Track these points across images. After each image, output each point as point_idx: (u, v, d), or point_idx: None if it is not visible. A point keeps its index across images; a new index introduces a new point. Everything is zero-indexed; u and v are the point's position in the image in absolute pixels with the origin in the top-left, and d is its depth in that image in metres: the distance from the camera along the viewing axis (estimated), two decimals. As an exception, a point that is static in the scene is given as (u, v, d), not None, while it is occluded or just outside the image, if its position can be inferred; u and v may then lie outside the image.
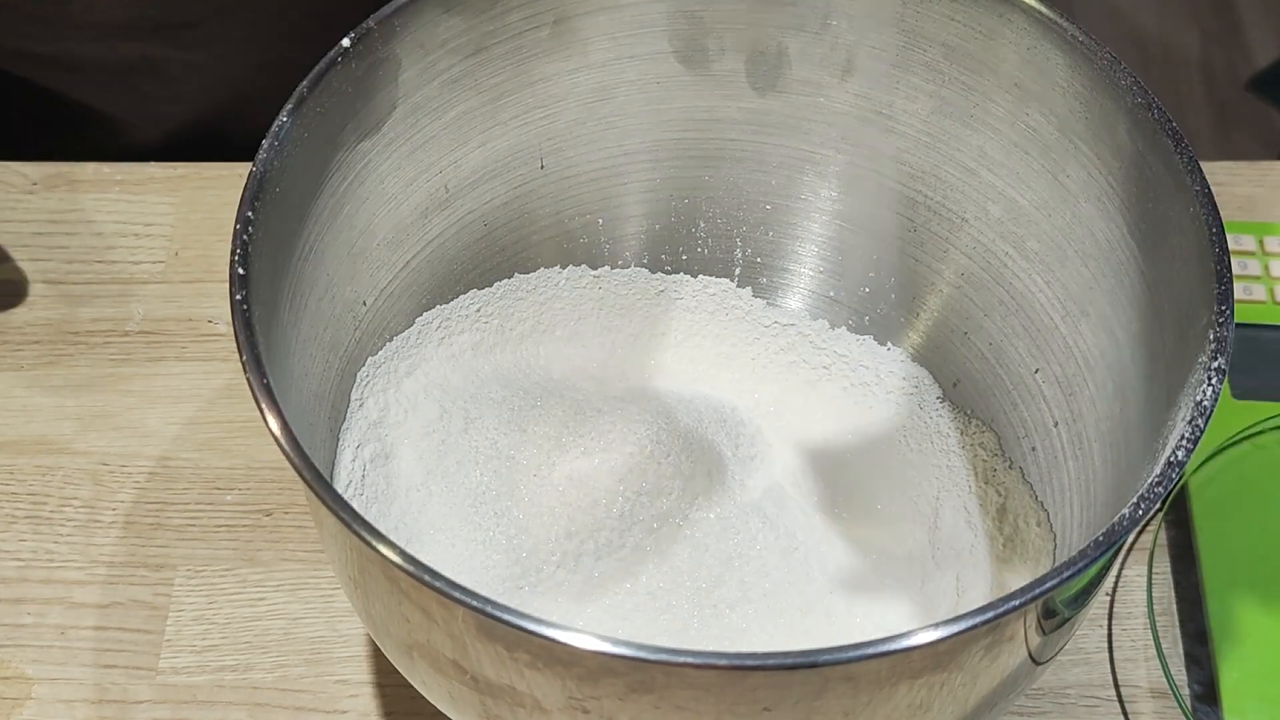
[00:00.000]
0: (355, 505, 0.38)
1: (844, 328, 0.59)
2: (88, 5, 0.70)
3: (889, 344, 0.58)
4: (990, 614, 0.37)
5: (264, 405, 0.40)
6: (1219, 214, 0.44)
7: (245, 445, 0.61)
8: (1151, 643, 0.54)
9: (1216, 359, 0.41)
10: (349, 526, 0.37)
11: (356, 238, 0.51)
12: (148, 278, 0.66)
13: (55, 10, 0.70)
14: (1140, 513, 0.38)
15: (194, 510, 0.59)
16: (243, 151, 0.48)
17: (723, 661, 0.36)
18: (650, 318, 0.59)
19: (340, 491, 0.48)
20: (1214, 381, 0.41)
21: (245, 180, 0.44)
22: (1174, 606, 0.56)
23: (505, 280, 0.58)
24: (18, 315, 0.64)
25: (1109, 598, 0.56)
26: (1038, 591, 0.37)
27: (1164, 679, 0.53)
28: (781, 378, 0.58)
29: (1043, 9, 0.49)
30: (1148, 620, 0.55)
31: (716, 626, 0.50)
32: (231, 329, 0.41)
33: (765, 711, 0.38)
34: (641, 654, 0.36)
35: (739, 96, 0.56)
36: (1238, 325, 0.42)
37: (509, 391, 0.55)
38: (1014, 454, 0.55)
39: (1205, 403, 0.41)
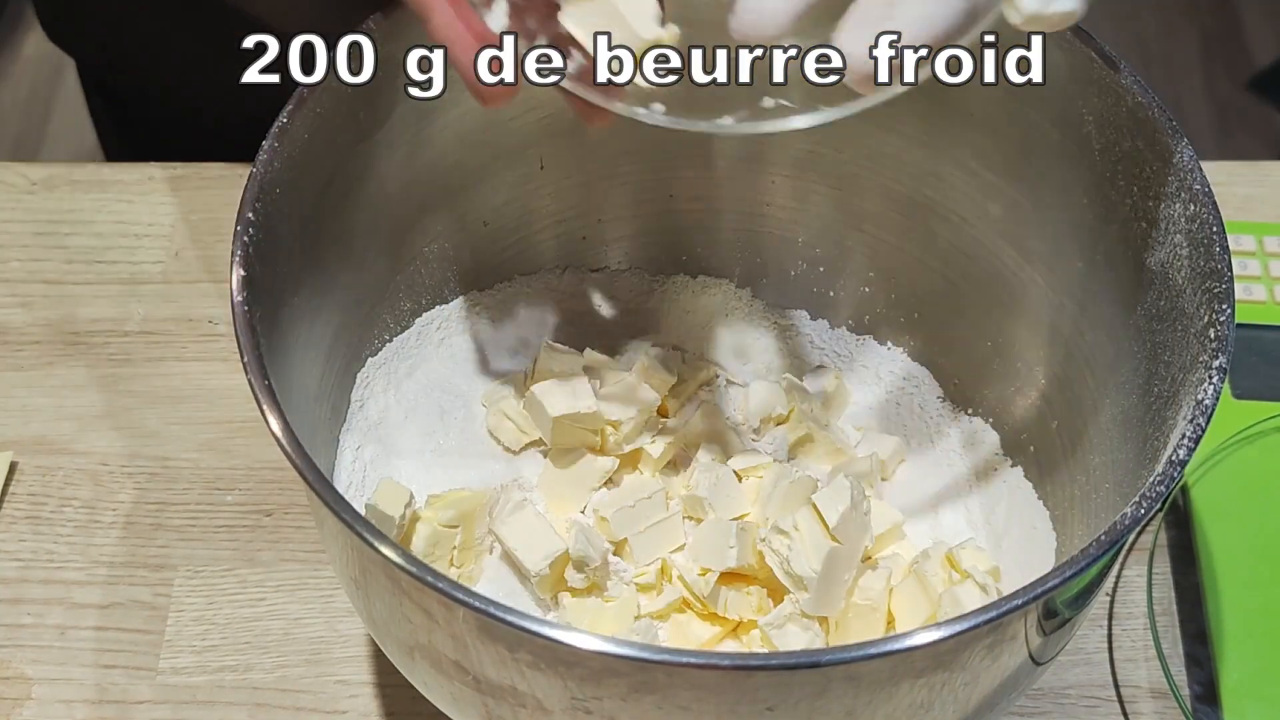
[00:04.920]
0: (356, 506, 0.38)
1: (844, 328, 0.59)
2: None
3: (889, 344, 0.58)
4: (992, 614, 0.37)
5: (265, 406, 0.40)
6: (1219, 214, 0.44)
7: (245, 445, 0.61)
8: (1152, 643, 0.54)
9: (1217, 358, 0.41)
10: (351, 527, 0.37)
11: (356, 238, 0.51)
12: (148, 278, 0.66)
13: None
14: (1142, 511, 0.38)
15: (194, 511, 0.59)
16: (243, 151, 0.48)
17: (726, 662, 0.36)
18: (650, 318, 0.59)
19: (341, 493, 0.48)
20: (1215, 380, 0.41)
21: (245, 180, 0.44)
22: (1174, 607, 0.56)
23: (505, 281, 0.58)
24: (18, 315, 0.64)
25: (1109, 598, 0.56)
26: (1039, 591, 0.37)
27: (1164, 679, 0.53)
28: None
29: (1043, 9, 0.48)
30: (1148, 621, 0.55)
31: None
32: (232, 329, 0.41)
33: (768, 711, 0.38)
34: (644, 654, 0.36)
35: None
36: (1238, 325, 0.42)
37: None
38: (1014, 454, 0.54)
39: (1206, 401, 0.41)
